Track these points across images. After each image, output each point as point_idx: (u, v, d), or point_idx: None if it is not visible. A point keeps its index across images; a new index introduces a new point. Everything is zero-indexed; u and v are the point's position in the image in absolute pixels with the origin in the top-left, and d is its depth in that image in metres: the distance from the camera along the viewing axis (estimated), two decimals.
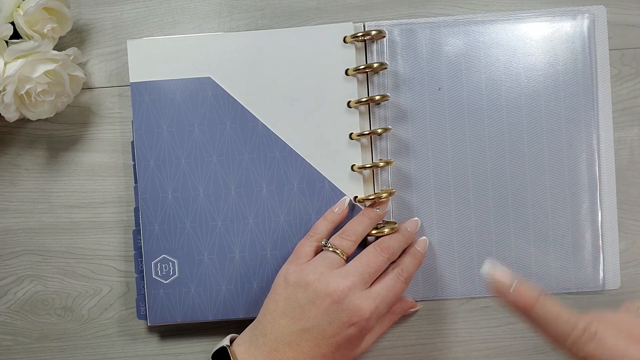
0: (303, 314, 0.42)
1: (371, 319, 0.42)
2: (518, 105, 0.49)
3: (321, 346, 0.42)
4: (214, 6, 0.52)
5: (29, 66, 0.45)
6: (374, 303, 0.42)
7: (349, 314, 0.41)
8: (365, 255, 0.44)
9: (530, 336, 0.51)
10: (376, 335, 0.48)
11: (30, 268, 0.51)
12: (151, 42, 0.49)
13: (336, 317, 0.41)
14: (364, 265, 0.44)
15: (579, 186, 0.49)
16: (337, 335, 0.42)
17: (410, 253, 0.48)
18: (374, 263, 0.44)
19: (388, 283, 0.44)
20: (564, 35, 0.49)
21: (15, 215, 0.51)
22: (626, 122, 0.51)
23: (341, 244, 0.45)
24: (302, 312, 0.42)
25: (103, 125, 0.51)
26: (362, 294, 0.42)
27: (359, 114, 0.49)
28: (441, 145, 0.50)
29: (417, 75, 0.50)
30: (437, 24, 0.50)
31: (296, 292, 0.43)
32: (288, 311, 0.43)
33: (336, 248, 0.45)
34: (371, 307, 0.42)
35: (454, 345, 0.51)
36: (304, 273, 0.43)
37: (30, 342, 0.51)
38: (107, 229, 0.51)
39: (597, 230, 0.50)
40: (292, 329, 0.42)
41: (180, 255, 0.48)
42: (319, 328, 0.42)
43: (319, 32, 0.49)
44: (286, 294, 0.43)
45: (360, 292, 0.42)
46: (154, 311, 0.49)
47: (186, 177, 0.48)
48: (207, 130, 0.48)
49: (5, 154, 0.52)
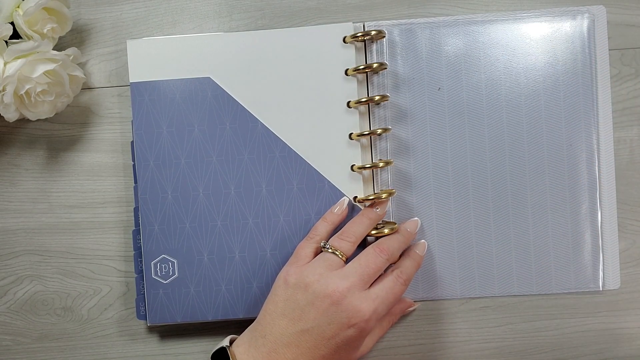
0: (302, 315, 0.42)
1: (370, 321, 0.42)
2: (518, 105, 0.49)
3: (320, 347, 0.42)
4: (214, 6, 0.52)
5: (29, 66, 0.45)
6: (373, 304, 0.42)
7: (348, 315, 0.41)
8: (364, 257, 0.44)
9: (530, 336, 0.51)
10: (376, 337, 0.48)
11: (30, 268, 0.51)
12: (151, 42, 0.49)
13: (335, 318, 0.41)
14: (363, 266, 0.44)
15: (578, 186, 0.49)
16: (337, 337, 0.41)
17: (410, 256, 0.48)
18: (373, 264, 0.44)
19: (387, 285, 0.44)
20: (563, 35, 0.49)
21: (15, 215, 0.51)
22: (626, 122, 0.51)
23: (340, 245, 0.45)
24: (302, 313, 0.42)
25: (103, 125, 0.51)
26: (362, 295, 0.42)
27: (359, 114, 0.49)
28: (441, 145, 0.50)
29: (417, 76, 0.50)
30: (436, 24, 0.50)
31: (296, 293, 0.43)
32: (287, 312, 0.43)
33: (335, 249, 0.45)
34: (370, 308, 0.42)
35: (454, 345, 0.51)
36: (304, 274, 0.43)
37: (30, 342, 0.51)
38: (107, 229, 0.51)
39: (597, 230, 0.50)
40: (292, 330, 0.42)
41: (179, 256, 0.48)
42: (318, 329, 0.42)
43: (318, 32, 0.49)
44: (286, 295, 0.43)
45: (359, 293, 0.42)
46: (154, 311, 0.49)
47: (186, 177, 0.48)
48: (206, 130, 0.48)
49: (5, 154, 0.52)
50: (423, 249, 0.49)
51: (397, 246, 0.46)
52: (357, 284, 0.42)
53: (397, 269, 0.46)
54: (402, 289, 0.45)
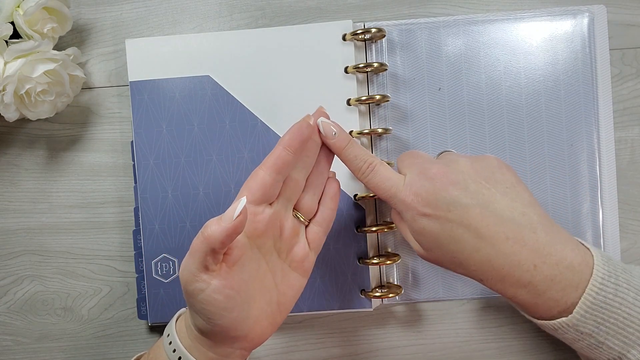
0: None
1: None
2: (518, 105, 0.49)
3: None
4: (214, 6, 0.52)
5: (29, 66, 0.45)
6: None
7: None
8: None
9: (531, 336, 0.51)
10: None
11: (30, 268, 0.51)
12: (150, 41, 0.49)
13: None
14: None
15: (579, 186, 0.49)
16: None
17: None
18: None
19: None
20: (564, 35, 0.49)
21: (15, 215, 0.51)
22: (627, 121, 0.51)
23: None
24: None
25: (103, 125, 0.51)
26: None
27: (359, 113, 0.49)
28: (441, 145, 0.49)
29: (417, 76, 0.50)
30: (436, 24, 0.50)
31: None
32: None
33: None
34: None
35: (455, 346, 0.51)
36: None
37: (30, 342, 0.51)
38: (107, 229, 0.51)
39: (598, 230, 0.49)
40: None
41: (180, 254, 0.48)
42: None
43: (318, 30, 0.49)
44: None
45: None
46: (155, 310, 0.49)
47: (186, 175, 0.48)
48: (206, 128, 0.48)
49: (5, 154, 0.52)
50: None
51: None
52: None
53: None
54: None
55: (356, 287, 0.49)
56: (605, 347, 0.37)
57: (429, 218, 0.39)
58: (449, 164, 0.40)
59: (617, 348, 0.37)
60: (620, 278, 0.37)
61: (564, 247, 0.37)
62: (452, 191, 0.38)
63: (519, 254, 0.37)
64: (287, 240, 0.41)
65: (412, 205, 0.39)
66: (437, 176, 0.39)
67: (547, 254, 0.37)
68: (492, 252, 0.38)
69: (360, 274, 0.49)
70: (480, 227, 0.38)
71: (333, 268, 0.49)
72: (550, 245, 0.37)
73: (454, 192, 0.38)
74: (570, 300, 0.37)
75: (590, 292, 0.36)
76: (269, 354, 0.51)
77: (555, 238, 0.38)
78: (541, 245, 0.37)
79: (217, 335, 0.38)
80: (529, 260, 0.37)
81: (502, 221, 0.38)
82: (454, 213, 0.38)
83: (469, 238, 0.38)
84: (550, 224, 0.39)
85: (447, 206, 0.38)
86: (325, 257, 0.49)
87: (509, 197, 0.39)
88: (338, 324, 0.51)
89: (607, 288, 0.36)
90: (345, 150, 0.41)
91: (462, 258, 0.39)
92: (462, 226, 0.38)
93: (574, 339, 0.38)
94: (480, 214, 0.38)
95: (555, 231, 0.38)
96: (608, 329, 0.37)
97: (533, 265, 0.37)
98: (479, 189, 0.39)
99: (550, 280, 0.37)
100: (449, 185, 0.39)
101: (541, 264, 0.37)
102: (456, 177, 0.39)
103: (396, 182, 0.41)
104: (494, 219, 0.38)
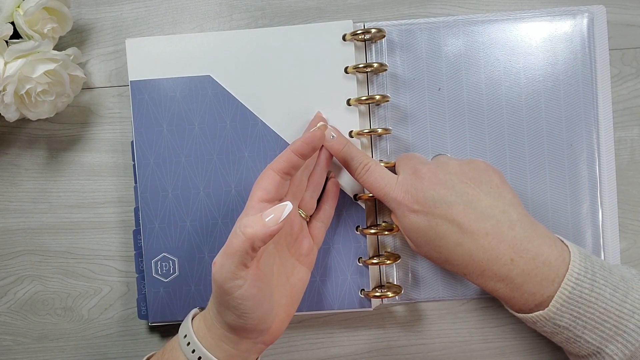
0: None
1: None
2: (518, 105, 0.49)
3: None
4: (214, 6, 0.52)
5: (29, 66, 0.45)
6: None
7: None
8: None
9: (531, 336, 0.51)
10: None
11: (30, 268, 0.51)
12: (150, 41, 0.49)
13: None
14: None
15: (579, 186, 0.49)
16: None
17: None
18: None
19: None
20: (563, 35, 0.49)
21: (15, 215, 0.51)
22: (627, 122, 0.51)
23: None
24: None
25: (103, 125, 0.51)
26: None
27: (359, 113, 0.49)
28: (441, 145, 0.50)
29: (417, 76, 0.50)
30: (436, 24, 0.50)
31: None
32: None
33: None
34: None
35: (455, 346, 0.51)
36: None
37: (30, 342, 0.51)
38: (107, 229, 0.51)
39: (598, 230, 0.49)
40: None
41: (180, 254, 0.48)
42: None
43: (318, 30, 0.49)
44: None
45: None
46: (155, 309, 0.49)
47: (186, 175, 0.48)
48: (207, 128, 0.48)
49: (5, 154, 0.52)
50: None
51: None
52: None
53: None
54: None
55: (356, 287, 0.49)
56: (583, 341, 0.39)
57: (417, 214, 0.42)
58: (439, 165, 0.43)
59: (595, 342, 0.39)
60: (597, 274, 0.39)
61: (541, 243, 0.40)
62: (439, 190, 0.41)
63: (497, 248, 0.40)
64: (295, 236, 0.45)
65: (403, 203, 0.42)
66: (426, 176, 0.42)
67: (523, 249, 0.40)
68: (472, 247, 0.40)
69: (360, 274, 0.49)
70: (463, 223, 0.40)
71: (333, 268, 0.49)
72: (527, 242, 0.40)
73: (441, 190, 0.41)
74: (547, 294, 0.39)
75: (565, 286, 0.38)
76: (269, 354, 0.51)
77: (533, 235, 0.40)
78: (518, 241, 0.40)
79: (247, 330, 0.40)
80: (507, 254, 0.40)
81: (483, 218, 0.40)
82: (439, 209, 0.41)
83: (452, 233, 0.41)
84: (530, 222, 0.41)
85: (434, 203, 0.41)
86: (325, 257, 0.49)
87: (492, 197, 0.41)
88: (338, 324, 0.51)
89: (583, 283, 0.38)
90: (342, 152, 0.45)
91: (447, 253, 0.42)
92: (447, 221, 0.41)
93: (553, 332, 0.40)
94: (463, 210, 0.41)
95: (533, 229, 0.41)
96: (585, 323, 0.39)
97: (510, 259, 0.40)
98: (464, 189, 0.41)
99: (526, 274, 0.39)
100: (437, 184, 0.42)
101: (518, 259, 0.39)
102: (444, 177, 0.42)
103: (389, 181, 0.44)
104: (476, 215, 0.41)
